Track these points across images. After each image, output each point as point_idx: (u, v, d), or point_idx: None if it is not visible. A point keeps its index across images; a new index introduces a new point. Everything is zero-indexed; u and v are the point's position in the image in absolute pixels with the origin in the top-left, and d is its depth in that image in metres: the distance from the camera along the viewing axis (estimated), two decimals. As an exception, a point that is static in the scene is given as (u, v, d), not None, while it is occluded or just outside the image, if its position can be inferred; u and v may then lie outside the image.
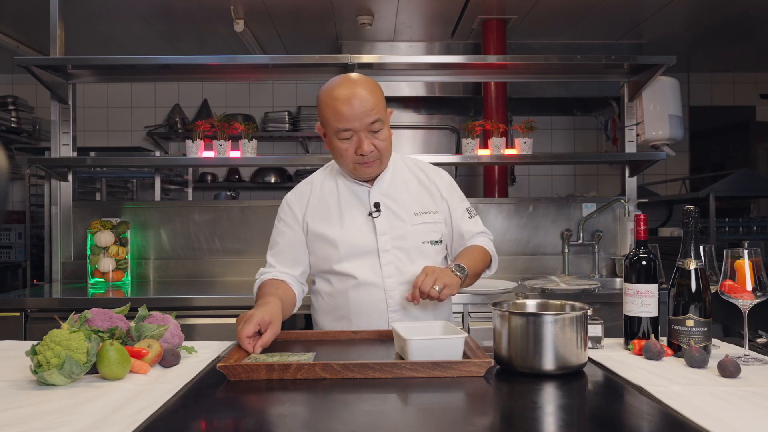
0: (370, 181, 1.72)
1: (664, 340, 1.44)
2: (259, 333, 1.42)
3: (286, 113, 5.61)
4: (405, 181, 1.76)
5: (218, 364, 1.21)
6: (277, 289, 1.65)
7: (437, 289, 1.49)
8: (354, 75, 1.65)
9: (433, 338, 1.33)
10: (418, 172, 1.79)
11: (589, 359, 1.35)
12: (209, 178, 5.78)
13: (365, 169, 1.65)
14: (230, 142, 3.05)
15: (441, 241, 1.75)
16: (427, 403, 1.09)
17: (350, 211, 1.71)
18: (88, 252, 3.08)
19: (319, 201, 1.74)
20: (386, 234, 1.68)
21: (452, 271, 1.57)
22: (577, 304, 1.33)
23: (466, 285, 1.65)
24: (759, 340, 1.53)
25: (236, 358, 1.29)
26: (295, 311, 1.74)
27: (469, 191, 1.95)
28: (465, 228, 1.78)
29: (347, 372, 1.21)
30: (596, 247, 3.28)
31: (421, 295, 1.49)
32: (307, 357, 1.31)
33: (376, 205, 1.69)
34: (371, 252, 1.67)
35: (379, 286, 1.67)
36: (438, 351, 1.26)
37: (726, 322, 2.77)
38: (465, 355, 1.30)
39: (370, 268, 1.67)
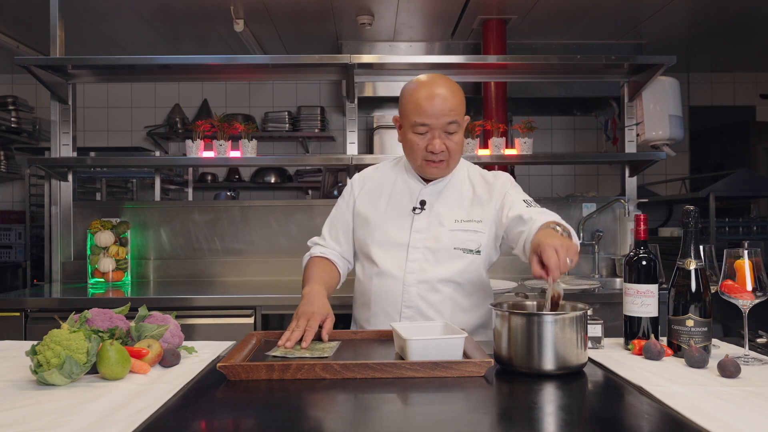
0: (429, 180, 1.75)
1: (664, 340, 1.44)
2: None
3: (286, 113, 5.61)
4: (460, 187, 1.77)
5: (218, 364, 1.21)
6: (323, 272, 1.75)
7: (569, 261, 1.32)
8: (441, 75, 1.70)
9: (433, 338, 1.33)
10: (478, 180, 1.78)
11: (589, 359, 1.35)
12: (209, 178, 5.78)
13: (432, 168, 1.68)
14: (230, 142, 3.05)
15: (478, 252, 1.70)
16: (427, 403, 1.09)
17: (397, 203, 1.76)
18: (88, 252, 3.08)
19: (376, 185, 1.81)
20: (421, 233, 1.71)
21: (561, 235, 1.42)
22: (578, 304, 1.33)
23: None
24: (759, 340, 1.53)
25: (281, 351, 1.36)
26: (338, 287, 1.83)
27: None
28: (523, 211, 1.62)
29: (347, 372, 1.21)
30: (596, 247, 3.28)
31: (561, 272, 1.32)
32: (332, 345, 1.41)
33: (422, 203, 1.73)
34: (401, 245, 1.71)
35: (399, 278, 1.70)
36: (438, 351, 1.26)
37: (726, 322, 2.77)
38: (465, 355, 1.30)
39: (396, 260, 1.71)
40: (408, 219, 1.73)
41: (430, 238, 1.70)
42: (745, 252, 1.33)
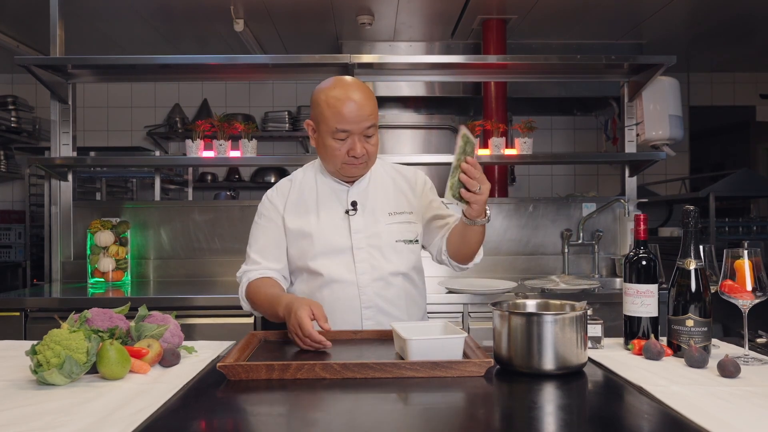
0: (350, 181, 1.75)
1: (664, 340, 1.44)
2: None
3: (286, 113, 5.61)
4: (382, 182, 1.80)
5: (218, 364, 1.21)
6: (273, 287, 1.69)
7: (479, 188, 1.48)
8: (351, 79, 1.68)
9: (433, 338, 1.33)
10: (395, 174, 1.84)
11: (589, 359, 1.35)
12: (209, 177, 5.78)
13: (352, 169, 1.68)
14: (230, 141, 3.05)
15: (417, 241, 1.77)
16: (427, 403, 1.09)
17: (327, 209, 1.74)
18: (88, 252, 3.07)
19: (298, 197, 1.77)
20: (360, 232, 1.71)
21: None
22: (577, 304, 1.33)
23: (476, 240, 1.67)
24: (759, 340, 1.53)
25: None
26: None
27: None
28: (445, 213, 1.81)
29: (347, 372, 1.21)
30: (596, 247, 3.28)
31: (469, 185, 1.46)
32: None
33: (353, 204, 1.73)
34: (345, 249, 1.70)
35: (352, 282, 1.69)
36: (438, 351, 1.26)
37: (726, 322, 2.77)
38: (465, 355, 1.30)
39: (344, 265, 1.69)
40: (344, 222, 1.72)
41: (371, 235, 1.71)
42: (745, 252, 1.33)
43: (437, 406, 1.07)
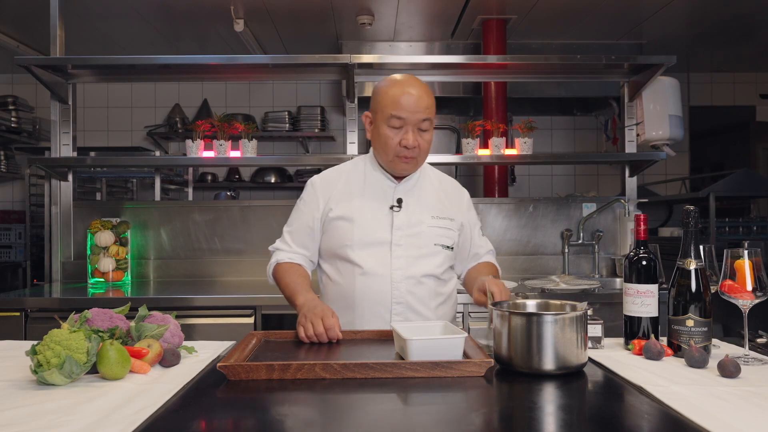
0: (398, 178, 1.79)
1: (664, 340, 1.44)
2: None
3: (286, 113, 5.61)
4: (431, 184, 1.84)
5: (218, 364, 1.21)
6: (303, 277, 1.76)
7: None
8: (415, 77, 1.75)
9: (433, 338, 1.33)
10: (443, 180, 1.89)
11: (589, 359, 1.35)
12: (209, 178, 5.78)
13: (402, 164, 1.72)
14: (230, 141, 3.05)
15: (452, 248, 1.81)
16: (427, 403, 1.09)
17: (372, 202, 1.77)
18: (88, 252, 3.08)
19: (345, 188, 1.80)
20: (402, 229, 1.74)
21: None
22: (577, 304, 1.33)
23: None
24: (759, 340, 1.53)
25: None
26: None
27: (469, 191, 1.98)
28: (478, 244, 1.90)
29: (347, 372, 1.21)
30: (596, 247, 3.28)
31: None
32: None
33: (399, 201, 1.76)
34: (384, 243, 1.73)
35: (386, 276, 1.71)
36: (438, 351, 1.26)
37: (726, 322, 2.77)
38: (466, 355, 1.30)
39: (380, 258, 1.72)
40: (387, 217, 1.75)
41: (412, 234, 1.74)
42: (745, 252, 1.33)
43: (437, 406, 1.07)
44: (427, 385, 1.16)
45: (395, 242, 1.73)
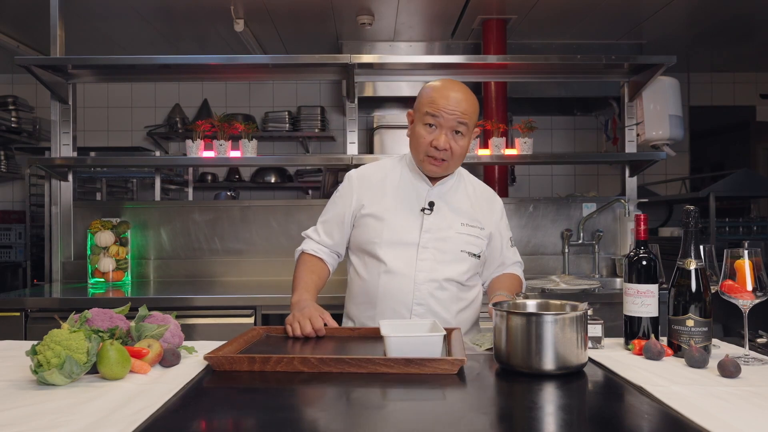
0: (434, 180, 1.79)
1: (664, 340, 1.44)
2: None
3: (286, 113, 5.61)
4: (465, 191, 1.85)
5: (205, 354, 1.25)
6: (312, 273, 1.79)
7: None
8: (459, 82, 1.76)
9: (410, 336, 1.35)
10: (477, 188, 1.89)
11: (589, 359, 1.35)
12: (209, 178, 5.78)
13: (432, 166, 1.73)
14: (230, 141, 3.05)
15: (479, 256, 1.82)
16: (426, 403, 1.09)
17: (405, 202, 1.78)
18: (88, 252, 3.07)
19: (381, 184, 1.82)
20: (430, 232, 1.75)
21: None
22: (578, 304, 1.33)
23: None
24: (759, 340, 1.53)
25: None
26: (328, 279, 1.88)
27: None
28: (507, 255, 1.91)
29: (324, 366, 1.24)
30: (596, 247, 3.28)
31: None
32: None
33: (431, 204, 1.76)
34: (411, 245, 1.74)
35: (410, 277, 1.72)
36: (416, 348, 1.28)
37: (726, 322, 2.77)
38: (449, 354, 1.32)
39: (406, 259, 1.73)
40: (417, 219, 1.76)
41: (439, 239, 1.75)
42: (745, 252, 1.33)
43: (437, 406, 1.07)
44: (427, 385, 1.16)
45: (422, 245, 1.74)
